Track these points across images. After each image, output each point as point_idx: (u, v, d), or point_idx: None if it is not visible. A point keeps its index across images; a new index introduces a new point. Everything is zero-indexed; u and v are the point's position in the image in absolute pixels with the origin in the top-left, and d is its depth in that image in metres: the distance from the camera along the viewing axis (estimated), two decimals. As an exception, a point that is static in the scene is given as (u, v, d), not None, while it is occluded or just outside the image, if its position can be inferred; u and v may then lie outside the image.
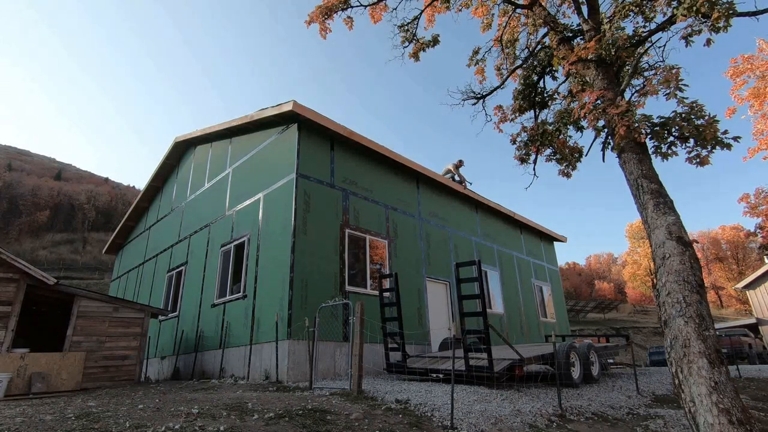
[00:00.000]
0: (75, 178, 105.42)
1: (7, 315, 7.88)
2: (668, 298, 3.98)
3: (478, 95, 8.67)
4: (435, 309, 11.19)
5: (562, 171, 7.02)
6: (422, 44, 8.77)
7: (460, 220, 13.59)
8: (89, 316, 8.90)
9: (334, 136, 10.12)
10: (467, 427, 4.53)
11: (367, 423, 4.35)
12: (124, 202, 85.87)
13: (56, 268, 56.11)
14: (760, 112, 15.99)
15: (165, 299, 12.80)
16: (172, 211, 14.62)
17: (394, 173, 11.64)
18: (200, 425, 3.88)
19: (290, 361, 7.52)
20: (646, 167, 5.10)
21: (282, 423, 4.16)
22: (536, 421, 5.00)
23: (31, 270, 8.21)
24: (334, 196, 9.57)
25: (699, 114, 5.16)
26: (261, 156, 10.60)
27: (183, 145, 14.88)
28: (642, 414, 6.00)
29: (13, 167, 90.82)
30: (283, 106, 9.21)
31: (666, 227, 4.40)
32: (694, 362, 3.50)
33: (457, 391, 5.98)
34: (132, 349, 9.26)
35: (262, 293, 8.77)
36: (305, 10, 14.87)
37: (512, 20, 8.69)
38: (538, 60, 7.89)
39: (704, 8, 4.93)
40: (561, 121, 6.97)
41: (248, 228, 9.97)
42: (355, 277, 9.38)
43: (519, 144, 7.49)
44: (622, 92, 5.78)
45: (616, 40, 5.72)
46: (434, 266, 11.67)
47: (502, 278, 14.29)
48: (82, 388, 8.22)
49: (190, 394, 6.18)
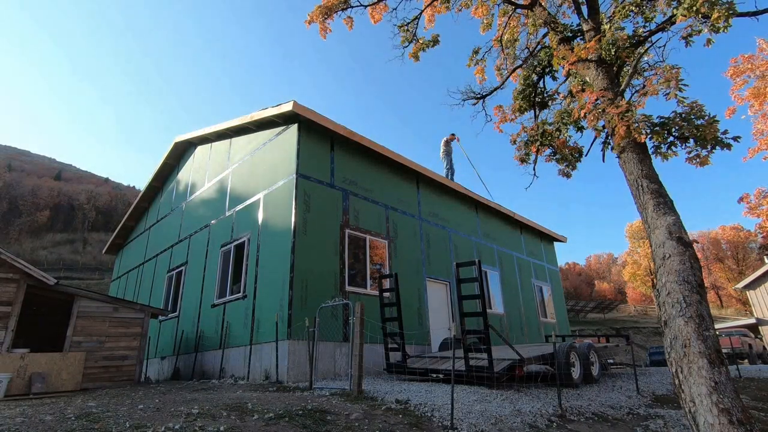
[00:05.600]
0: (75, 178, 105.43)
1: (7, 315, 7.88)
2: (668, 298, 3.98)
3: (478, 95, 8.67)
4: (435, 309, 11.19)
5: (562, 171, 7.02)
6: (422, 44, 8.77)
7: (460, 220, 13.59)
8: (89, 317, 8.90)
9: (334, 137, 10.12)
10: (467, 427, 4.53)
11: (367, 423, 4.35)
12: (124, 203, 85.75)
13: (56, 268, 56.10)
14: (760, 112, 15.97)
15: (165, 299, 12.80)
16: (172, 211, 14.62)
17: (394, 173, 11.64)
18: (200, 425, 3.88)
19: (290, 361, 7.52)
20: (646, 167, 5.09)
21: (282, 423, 4.16)
22: (536, 421, 5.00)
23: (31, 270, 8.20)
24: (334, 197, 9.57)
25: (699, 114, 5.15)
26: (261, 156, 10.59)
27: (183, 145, 14.87)
28: (642, 414, 6.00)
29: (13, 167, 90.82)
30: (283, 106, 9.21)
31: (666, 227, 4.40)
32: (694, 362, 3.50)
33: (457, 391, 5.97)
34: (132, 350, 9.25)
35: (262, 293, 8.77)
36: (305, 10, 14.88)
37: (512, 20, 8.68)
38: (538, 60, 7.89)
39: (704, 8, 4.93)
40: (561, 121, 6.97)
41: (248, 228, 9.97)
42: (355, 278, 9.38)
43: (519, 144, 7.49)
44: (622, 92, 5.78)
45: (616, 40, 5.72)
46: (434, 266, 11.66)
47: (502, 278, 14.28)
48: (82, 388, 8.21)
49: (190, 395, 6.18)
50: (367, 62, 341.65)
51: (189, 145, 14.78)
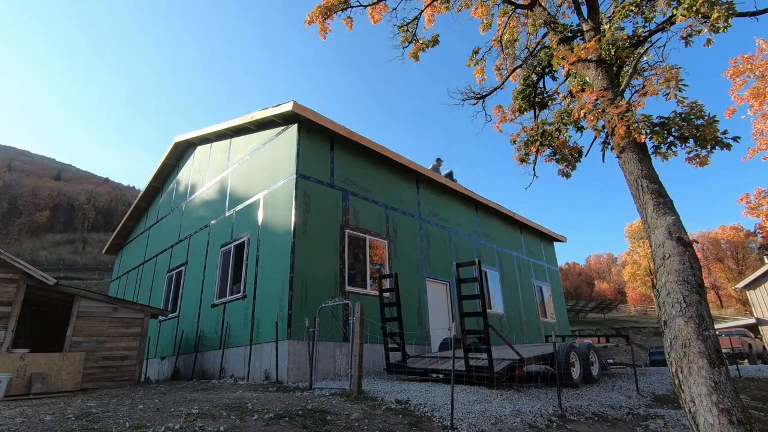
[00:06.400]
0: (75, 178, 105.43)
1: (7, 315, 7.88)
2: (668, 298, 3.97)
3: (478, 95, 8.67)
4: (435, 309, 11.19)
5: (562, 171, 7.02)
6: (422, 44, 8.76)
7: (460, 220, 13.59)
8: (89, 317, 8.90)
9: (334, 136, 10.12)
10: (467, 427, 4.53)
11: (367, 423, 4.35)
12: (124, 203, 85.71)
13: (56, 268, 56.05)
14: (759, 112, 15.97)
15: (165, 299, 12.79)
16: (172, 212, 14.62)
17: (394, 173, 11.64)
18: (200, 425, 3.88)
19: (290, 361, 7.52)
20: (645, 167, 5.09)
21: (282, 423, 4.16)
22: (536, 421, 5.00)
23: (31, 270, 8.20)
24: (334, 196, 9.57)
25: (699, 114, 5.15)
26: (261, 156, 10.59)
27: (183, 146, 14.87)
28: (642, 414, 6.00)
29: (12, 167, 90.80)
30: (283, 106, 9.21)
31: (666, 227, 4.40)
32: (694, 362, 3.50)
33: (457, 392, 5.98)
34: (132, 350, 9.25)
35: (262, 293, 8.77)
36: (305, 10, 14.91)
37: (512, 20, 8.68)
38: (537, 60, 7.89)
39: (704, 8, 4.92)
40: (561, 121, 6.97)
41: (248, 228, 9.97)
42: (355, 278, 9.38)
43: (519, 144, 7.49)
44: (622, 92, 5.77)
45: (615, 40, 5.72)
46: (434, 266, 11.66)
47: (502, 278, 14.28)
48: (82, 388, 8.21)
49: (190, 395, 6.18)
50: (368, 62, 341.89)
51: (189, 145, 14.77)
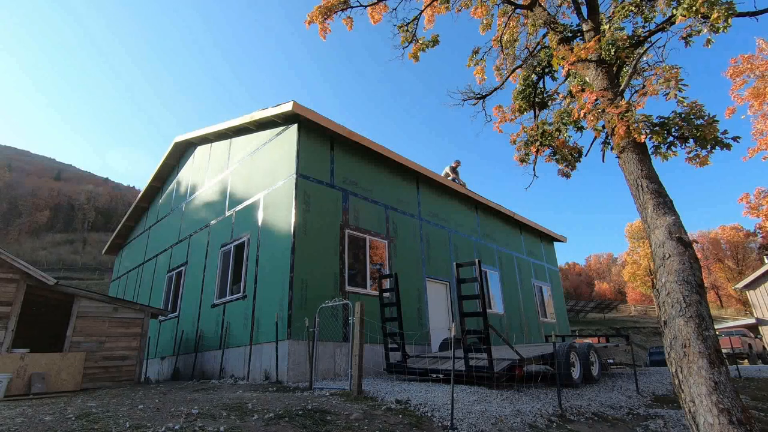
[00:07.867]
0: (75, 178, 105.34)
1: (7, 315, 7.88)
2: (668, 298, 3.98)
3: (478, 95, 8.67)
4: (435, 309, 11.19)
5: (562, 171, 7.02)
6: (422, 44, 8.76)
7: (460, 220, 13.59)
8: (89, 317, 8.90)
9: (334, 136, 10.12)
10: (467, 427, 4.53)
11: (367, 423, 4.35)
12: (123, 203, 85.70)
13: (56, 268, 56.05)
14: (759, 111, 15.99)
15: (165, 299, 12.79)
16: (171, 212, 14.62)
17: (394, 173, 11.64)
18: (200, 425, 3.88)
19: (290, 361, 7.52)
20: (645, 167, 5.09)
21: (282, 423, 4.16)
22: (536, 421, 5.00)
23: (31, 270, 8.20)
24: (334, 197, 9.57)
25: (698, 114, 5.15)
26: (261, 156, 10.59)
27: (183, 146, 14.87)
28: (642, 414, 6.00)
29: (12, 168, 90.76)
30: (283, 106, 9.21)
31: (666, 227, 4.40)
32: (694, 362, 3.50)
33: (457, 392, 5.98)
34: (132, 350, 9.25)
35: (262, 293, 8.76)
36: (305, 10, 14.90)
37: (512, 20, 8.68)
38: (537, 60, 7.89)
39: (704, 8, 4.92)
40: (561, 121, 6.97)
41: (248, 228, 9.97)
42: (355, 278, 9.38)
43: (519, 144, 7.49)
44: (622, 92, 5.78)
45: (615, 40, 5.72)
46: (434, 266, 11.66)
47: (502, 278, 14.28)
48: (82, 388, 8.21)
49: (190, 395, 6.18)
50: (367, 62, 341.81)
51: (189, 145, 14.77)
